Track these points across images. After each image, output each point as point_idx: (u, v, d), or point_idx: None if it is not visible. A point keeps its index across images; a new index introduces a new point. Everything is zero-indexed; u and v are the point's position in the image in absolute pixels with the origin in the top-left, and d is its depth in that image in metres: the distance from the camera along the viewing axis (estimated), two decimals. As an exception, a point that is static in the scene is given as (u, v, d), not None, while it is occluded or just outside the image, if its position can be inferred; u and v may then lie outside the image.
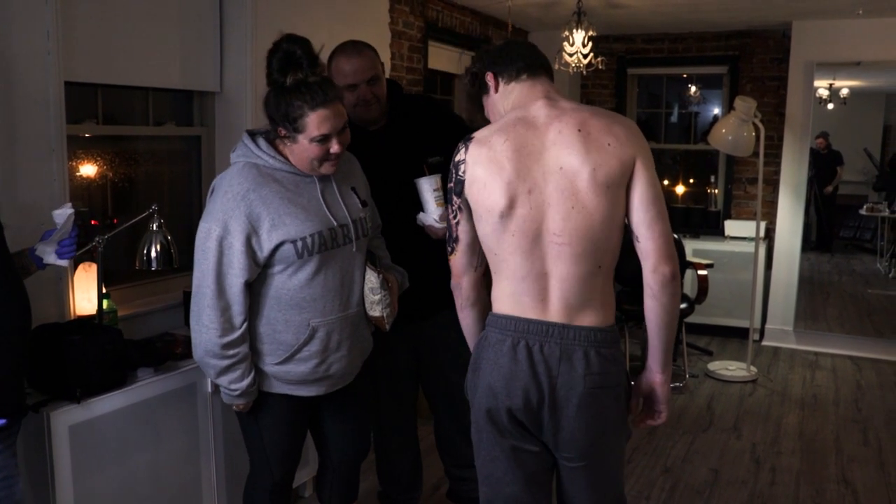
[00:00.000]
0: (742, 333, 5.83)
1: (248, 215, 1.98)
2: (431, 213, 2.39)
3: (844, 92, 9.98)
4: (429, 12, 4.75)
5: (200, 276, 2.01)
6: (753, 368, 5.24)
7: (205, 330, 2.01)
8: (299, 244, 2.02)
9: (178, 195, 3.36)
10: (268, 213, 2.00)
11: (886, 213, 8.74)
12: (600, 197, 1.72)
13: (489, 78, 1.90)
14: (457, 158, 1.82)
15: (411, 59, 4.61)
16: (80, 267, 2.67)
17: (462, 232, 1.88)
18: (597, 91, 6.65)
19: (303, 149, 2.02)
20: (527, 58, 1.89)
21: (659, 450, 3.95)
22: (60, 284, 2.54)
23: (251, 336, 2.09)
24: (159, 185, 3.30)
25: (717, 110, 9.02)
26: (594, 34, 4.59)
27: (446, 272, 2.22)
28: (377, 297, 2.20)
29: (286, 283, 2.06)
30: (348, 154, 2.24)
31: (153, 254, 2.50)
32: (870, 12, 5.12)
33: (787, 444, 4.07)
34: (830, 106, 8.90)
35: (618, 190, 1.73)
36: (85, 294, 2.66)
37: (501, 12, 5.33)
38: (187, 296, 2.91)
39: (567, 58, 4.59)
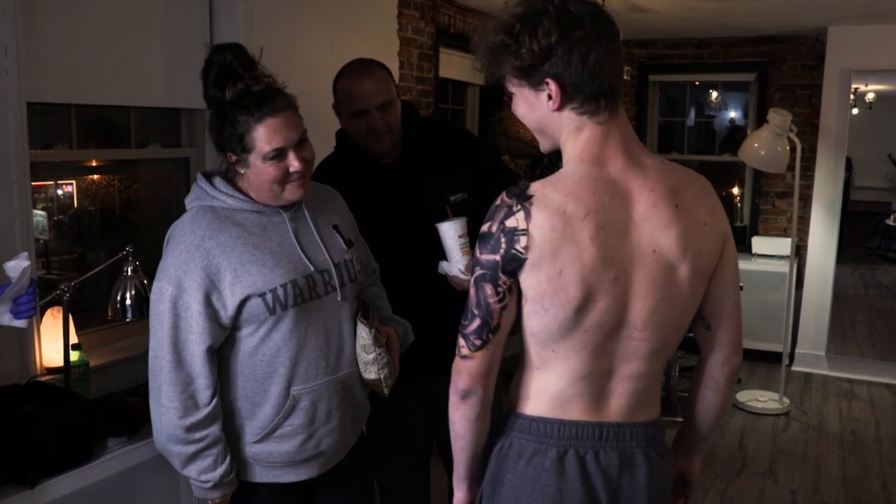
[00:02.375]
0: (770, 358, 5.49)
1: (205, 268, 1.66)
2: (456, 263, 2.06)
3: (870, 97, 9.68)
4: (440, 17, 4.42)
5: (156, 347, 1.68)
6: (786, 399, 4.90)
7: (164, 411, 1.67)
8: (269, 297, 1.69)
9: (165, 224, 3.03)
10: (229, 263, 1.68)
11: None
12: (693, 288, 1.40)
13: (552, 87, 1.32)
14: (510, 223, 1.31)
15: (421, 68, 4.29)
16: (48, 313, 2.36)
17: (506, 321, 1.39)
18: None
19: (257, 172, 1.70)
20: (611, 69, 1.33)
21: (691, 499, 3.61)
22: (24, 335, 2.22)
23: (224, 413, 1.74)
24: (143, 213, 2.99)
25: (733, 114, 8.72)
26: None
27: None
28: (371, 357, 1.85)
29: (259, 346, 1.73)
30: (327, 187, 1.97)
31: (128, 302, 2.18)
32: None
33: (829, 491, 3.74)
34: (855, 111, 8.58)
35: (708, 278, 1.43)
36: (53, 344, 2.34)
37: (517, 17, 5.00)
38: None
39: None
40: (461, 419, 1.46)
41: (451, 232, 2.03)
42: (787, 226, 5.87)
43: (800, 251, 5.74)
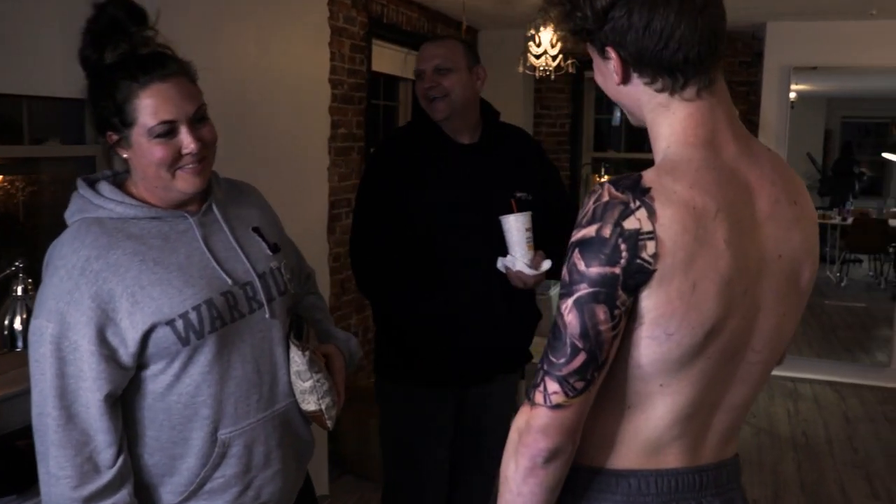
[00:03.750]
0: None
1: (94, 297, 1.31)
2: (521, 258, 1.97)
3: (792, 96, 9.81)
4: (373, 7, 4.13)
5: (39, 401, 1.32)
6: (735, 403, 4.78)
7: (53, 482, 1.31)
8: (180, 324, 1.36)
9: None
10: (124, 288, 1.33)
11: (837, 220, 8.58)
12: (806, 299, 1.18)
13: (612, 56, 1.09)
14: (629, 225, 1.00)
15: (353, 60, 3.98)
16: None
17: (613, 355, 1.06)
18: (552, 96, 6.12)
19: (142, 154, 1.36)
20: (690, 36, 1.06)
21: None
22: None
23: (136, 472, 1.40)
24: (40, 220, 2.61)
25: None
26: (563, 33, 4.06)
27: (520, 326, 2.15)
28: (308, 385, 1.52)
29: (174, 384, 1.39)
30: (245, 183, 1.66)
31: (17, 327, 1.83)
32: (856, 15, 4.72)
33: (790, 499, 3.61)
34: (778, 110, 8.66)
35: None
36: (-71, 378, 1.97)
37: (453, 8, 4.76)
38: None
39: (533, 60, 4.03)
40: (538, 489, 1.09)
41: (518, 224, 1.97)
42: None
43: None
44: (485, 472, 2.38)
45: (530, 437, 1.05)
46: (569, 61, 4.05)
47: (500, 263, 2.03)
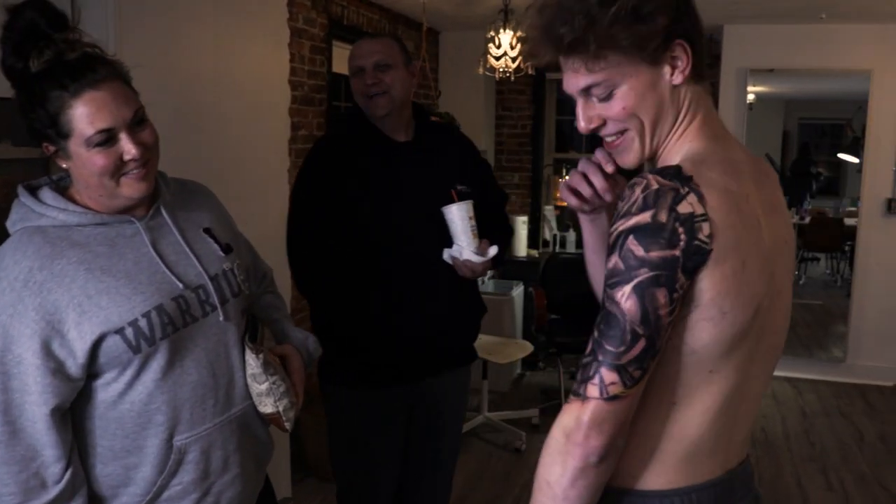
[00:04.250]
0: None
1: (38, 309, 1.27)
2: (467, 246, 1.97)
3: (751, 98, 9.97)
4: (332, 8, 4.12)
5: None
6: (695, 400, 4.84)
7: None
8: (130, 332, 1.32)
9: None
10: (71, 298, 1.29)
11: (795, 219, 8.73)
12: None
13: (681, 51, 1.08)
14: (683, 209, 1.01)
15: (313, 62, 3.97)
16: None
17: (665, 342, 1.04)
18: (513, 98, 6.14)
19: (82, 164, 1.31)
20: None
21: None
22: None
23: (89, 484, 1.37)
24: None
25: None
26: (523, 35, 4.07)
27: (465, 319, 2.14)
28: (264, 387, 1.50)
29: (126, 393, 1.35)
30: (195, 183, 1.62)
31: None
32: (808, 19, 4.82)
33: (748, 493, 3.65)
34: (738, 112, 8.79)
35: None
36: None
37: (414, 9, 4.76)
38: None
39: (493, 62, 4.05)
40: (586, 493, 1.05)
41: (461, 213, 1.96)
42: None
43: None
44: (441, 468, 2.38)
45: (582, 433, 1.01)
46: (528, 63, 4.07)
47: (447, 254, 2.02)
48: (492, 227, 2.14)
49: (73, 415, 1.35)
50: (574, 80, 1.10)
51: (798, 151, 9.38)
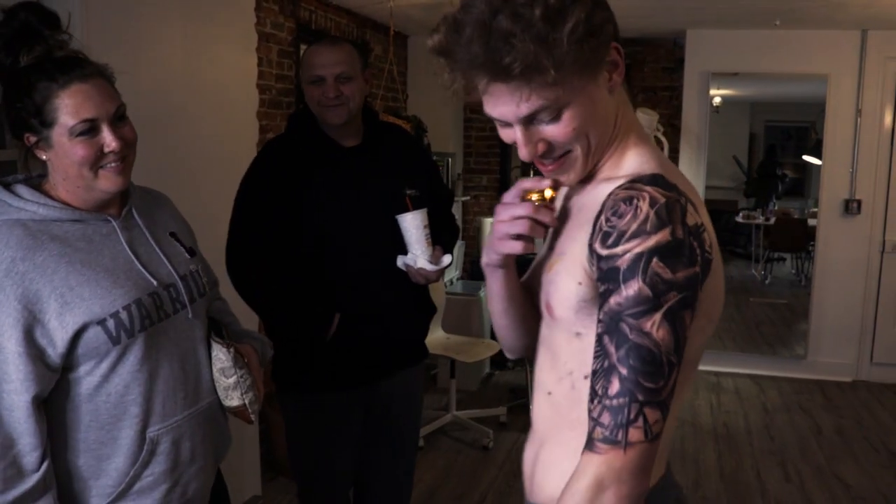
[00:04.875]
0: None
1: (20, 298, 1.31)
2: (421, 255, 1.99)
3: (717, 100, 10.14)
4: (300, 12, 4.17)
5: None
6: (660, 396, 4.94)
7: None
8: (111, 324, 1.37)
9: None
10: (52, 288, 1.33)
11: (760, 220, 8.86)
12: None
13: (616, 54, 1.03)
14: (691, 221, 0.97)
15: (281, 66, 4.02)
16: None
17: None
18: (478, 103, 6.20)
19: (63, 153, 1.37)
20: None
21: None
22: None
23: (60, 477, 1.39)
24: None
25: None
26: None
27: (416, 320, 2.12)
28: (232, 381, 1.57)
29: (102, 385, 1.40)
30: (156, 191, 1.69)
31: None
32: (767, 25, 4.94)
33: (710, 486, 3.75)
34: (705, 114, 8.94)
35: None
36: None
37: (381, 14, 4.82)
38: None
39: (459, 65, 4.11)
40: None
41: (416, 222, 1.99)
42: (652, 225, 5.97)
43: (665, 249, 5.85)
44: (400, 464, 2.40)
45: (630, 484, 0.93)
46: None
47: (401, 262, 2.05)
48: (438, 226, 2.17)
49: (48, 410, 1.38)
50: (514, 108, 1.00)
51: (764, 153, 9.53)
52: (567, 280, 1.05)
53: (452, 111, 5.92)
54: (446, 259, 2.07)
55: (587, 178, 1.12)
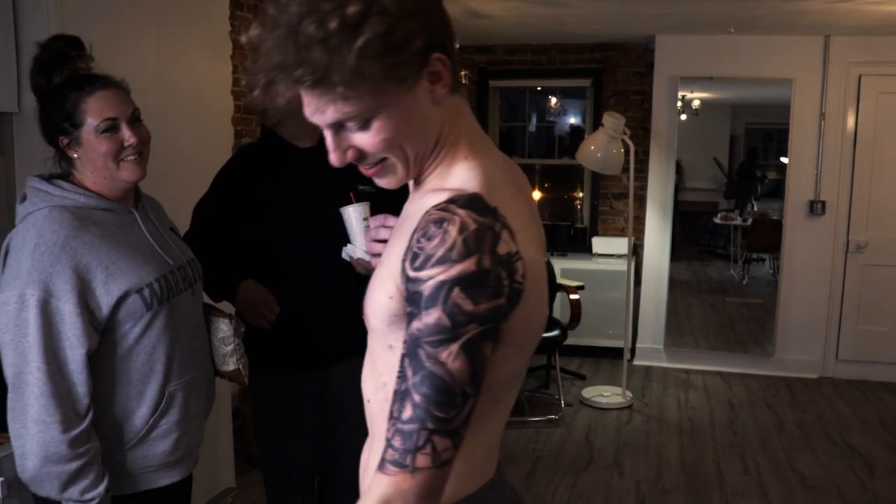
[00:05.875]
0: (613, 353, 5.72)
1: (74, 268, 1.58)
2: (360, 246, 2.12)
3: (696, 103, 10.29)
4: (276, 20, 4.28)
5: (19, 361, 1.55)
6: (629, 393, 5.08)
7: (40, 429, 1.55)
8: (146, 293, 1.68)
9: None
10: (99, 262, 1.62)
11: (738, 221, 9.00)
12: None
13: (440, 65, 0.99)
14: (503, 250, 0.95)
15: (258, 72, 4.13)
16: None
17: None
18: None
19: (90, 147, 1.67)
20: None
21: (540, 496, 3.66)
22: None
23: (97, 422, 1.65)
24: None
25: (573, 120, 9.03)
26: (457, 45, 4.27)
27: (361, 310, 2.17)
28: (230, 348, 1.93)
29: (135, 345, 1.69)
30: (151, 197, 1.98)
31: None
32: (735, 30, 5.09)
33: (670, 478, 3.88)
34: (683, 117, 9.08)
35: None
36: None
37: (357, 21, 4.94)
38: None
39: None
40: None
41: (356, 214, 2.10)
42: (624, 226, 6.11)
43: (637, 250, 5.99)
44: (357, 458, 2.54)
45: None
46: (462, 72, 4.28)
47: (344, 253, 2.17)
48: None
49: (92, 365, 1.63)
50: (320, 116, 0.98)
51: (745, 155, 9.68)
52: (380, 292, 1.04)
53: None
54: None
55: (419, 184, 1.10)
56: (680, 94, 7.25)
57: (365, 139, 0.99)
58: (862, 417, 4.81)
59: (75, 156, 1.69)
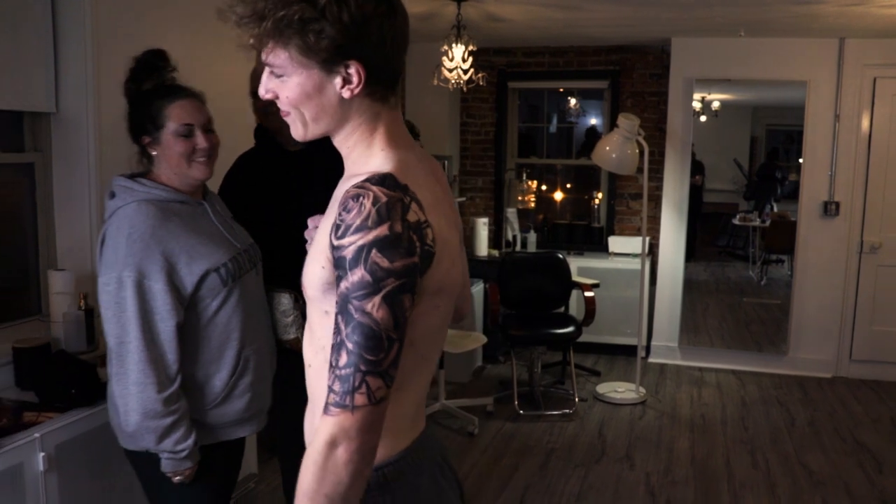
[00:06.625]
0: (628, 351, 5.80)
1: (163, 253, 1.87)
2: None
3: (716, 105, 10.31)
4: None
5: (119, 332, 1.84)
6: (642, 389, 5.17)
7: (139, 389, 1.83)
8: (223, 271, 1.96)
9: (7, 232, 2.92)
10: (181, 248, 1.90)
11: (757, 222, 9.03)
12: None
13: (355, 71, 1.17)
14: (412, 218, 1.13)
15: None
16: None
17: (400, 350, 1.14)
18: (476, 105, 6.47)
19: (168, 147, 1.94)
20: (404, 52, 1.24)
21: (552, 487, 3.76)
22: None
23: (186, 383, 1.93)
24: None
25: (594, 121, 9.11)
26: (474, 48, 4.39)
27: None
28: (290, 319, 2.21)
29: (213, 318, 1.97)
30: (213, 192, 2.22)
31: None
32: (749, 33, 5.16)
33: (679, 471, 3.97)
34: (703, 118, 9.13)
35: None
36: None
37: (378, 24, 5.06)
38: (17, 352, 2.51)
39: (447, 73, 4.36)
40: (361, 490, 1.13)
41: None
42: (640, 225, 6.19)
43: (653, 249, 6.07)
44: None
45: (357, 440, 1.08)
46: (480, 75, 4.39)
47: None
48: None
49: (179, 338, 1.90)
50: (264, 55, 1.18)
51: (766, 156, 9.71)
52: (314, 264, 1.20)
53: (449, 115, 6.17)
54: None
55: (344, 174, 1.28)
56: (699, 95, 7.32)
57: (277, 87, 1.20)
58: (873, 416, 4.86)
59: (154, 153, 1.96)
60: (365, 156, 1.22)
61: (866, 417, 4.83)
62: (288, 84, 1.18)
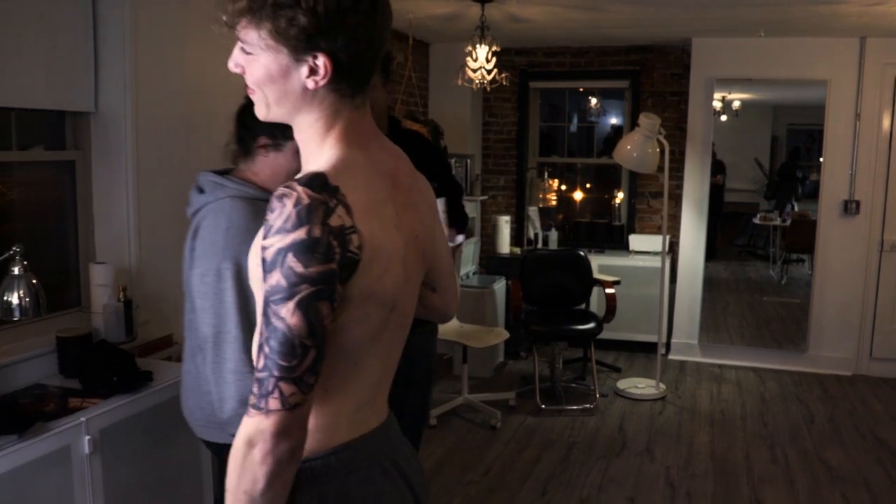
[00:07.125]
0: (648, 348, 5.85)
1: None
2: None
3: (736, 104, 10.31)
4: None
5: (218, 323, 1.87)
6: (662, 385, 5.23)
7: (237, 377, 1.86)
8: None
9: (50, 226, 3.03)
10: None
11: (778, 221, 9.04)
12: (426, 269, 1.42)
13: (321, 63, 1.14)
14: (335, 222, 1.08)
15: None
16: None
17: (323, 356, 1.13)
18: (499, 105, 6.55)
19: (287, 159, 1.97)
20: (381, 53, 1.22)
21: (574, 479, 3.84)
22: None
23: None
24: (26, 215, 2.96)
25: (615, 120, 9.15)
26: (498, 49, 4.47)
27: None
28: None
29: None
30: None
31: (15, 301, 2.20)
32: (770, 33, 5.20)
33: (699, 465, 4.03)
34: (724, 118, 9.15)
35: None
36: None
37: (401, 25, 5.16)
38: (61, 341, 2.62)
39: (471, 73, 4.45)
40: (283, 490, 1.14)
41: (440, 206, 2.32)
42: (660, 224, 6.25)
43: (673, 247, 6.13)
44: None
45: (271, 443, 1.08)
46: (503, 75, 4.47)
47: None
48: (451, 214, 2.60)
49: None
50: (237, 30, 1.18)
51: (787, 156, 9.71)
52: (252, 261, 1.20)
53: (471, 115, 6.25)
54: (459, 238, 2.52)
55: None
56: (720, 95, 7.35)
57: (244, 63, 1.19)
58: (893, 413, 4.89)
59: (265, 155, 1.98)
60: (316, 153, 1.20)
61: (886, 415, 4.86)
62: (255, 63, 1.16)
